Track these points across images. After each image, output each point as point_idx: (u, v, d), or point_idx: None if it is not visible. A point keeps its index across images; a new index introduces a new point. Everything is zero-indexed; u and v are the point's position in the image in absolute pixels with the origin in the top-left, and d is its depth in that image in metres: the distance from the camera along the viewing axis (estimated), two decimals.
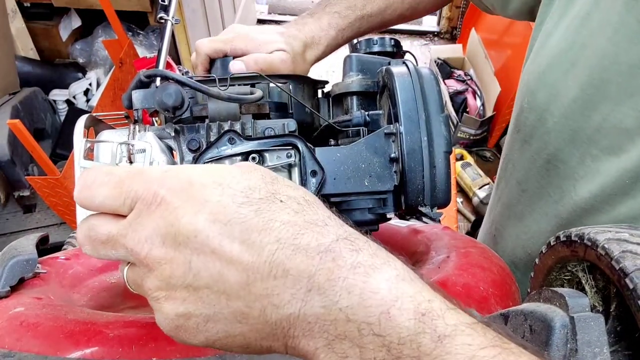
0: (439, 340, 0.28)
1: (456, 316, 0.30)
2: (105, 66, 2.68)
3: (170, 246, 0.32)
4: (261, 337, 0.33)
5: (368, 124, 0.55)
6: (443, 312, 0.30)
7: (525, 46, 0.72)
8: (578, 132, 0.61)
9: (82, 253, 0.53)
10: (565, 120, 0.62)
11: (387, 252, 0.33)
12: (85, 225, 0.36)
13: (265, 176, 0.35)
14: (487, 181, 2.60)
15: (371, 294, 0.30)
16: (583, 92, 0.59)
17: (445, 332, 0.29)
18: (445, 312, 0.30)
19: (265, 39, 0.68)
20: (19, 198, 2.14)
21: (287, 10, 4.12)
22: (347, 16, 0.77)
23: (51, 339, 0.42)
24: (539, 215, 0.71)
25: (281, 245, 0.31)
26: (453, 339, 0.28)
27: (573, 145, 0.62)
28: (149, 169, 0.35)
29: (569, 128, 0.62)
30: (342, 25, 0.76)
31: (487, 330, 0.29)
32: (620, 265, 0.36)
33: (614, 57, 0.56)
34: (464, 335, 0.28)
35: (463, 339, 0.28)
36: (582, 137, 0.61)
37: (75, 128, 0.43)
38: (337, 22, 0.76)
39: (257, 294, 0.31)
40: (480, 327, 0.29)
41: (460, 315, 0.30)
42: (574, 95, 0.61)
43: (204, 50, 0.67)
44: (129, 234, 0.33)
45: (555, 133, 0.64)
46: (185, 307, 0.33)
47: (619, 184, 0.58)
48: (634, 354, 0.39)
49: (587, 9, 0.60)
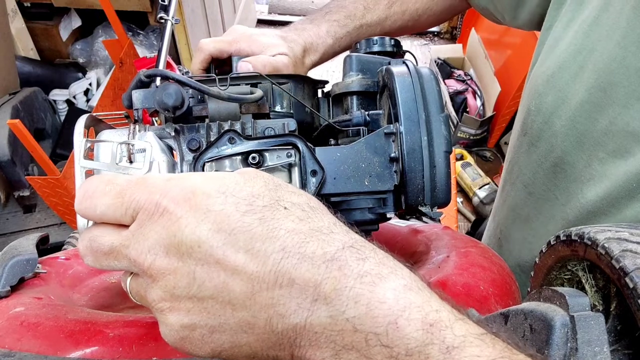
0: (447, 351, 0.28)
1: (465, 327, 0.29)
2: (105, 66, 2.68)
3: (174, 257, 0.32)
4: (267, 346, 0.32)
5: (368, 123, 0.54)
6: (451, 323, 0.29)
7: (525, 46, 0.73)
8: (585, 135, 0.61)
9: None
10: (573, 124, 0.62)
11: (394, 260, 0.33)
12: (86, 236, 0.35)
13: (269, 183, 0.35)
14: (487, 181, 2.60)
15: (378, 304, 0.29)
16: (591, 95, 0.60)
17: (454, 343, 0.28)
18: (454, 323, 0.29)
19: (268, 42, 0.68)
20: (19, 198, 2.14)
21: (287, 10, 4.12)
22: (345, 25, 0.77)
23: (51, 339, 0.42)
24: (546, 218, 0.71)
25: (286, 254, 0.31)
26: (462, 350, 0.28)
27: (580, 149, 0.62)
28: (151, 177, 0.35)
29: (576, 131, 0.62)
30: (340, 34, 0.77)
31: (496, 342, 0.29)
32: (620, 265, 0.36)
33: (622, 60, 0.56)
34: (472, 347, 0.28)
35: (472, 351, 0.28)
36: (590, 140, 0.61)
37: (75, 128, 0.43)
38: (335, 30, 0.76)
39: (262, 304, 0.31)
40: (489, 338, 0.29)
41: (469, 325, 0.30)
42: (582, 98, 0.61)
43: (208, 50, 0.67)
44: (131, 244, 0.33)
45: (563, 136, 0.64)
46: (190, 318, 0.32)
47: (625, 187, 0.58)
48: (634, 353, 0.39)
49: (595, 13, 0.60)
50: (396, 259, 0.33)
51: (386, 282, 0.30)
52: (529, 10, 0.75)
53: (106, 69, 2.68)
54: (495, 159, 2.87)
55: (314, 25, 0.76)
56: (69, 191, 1.68)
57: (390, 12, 0.82)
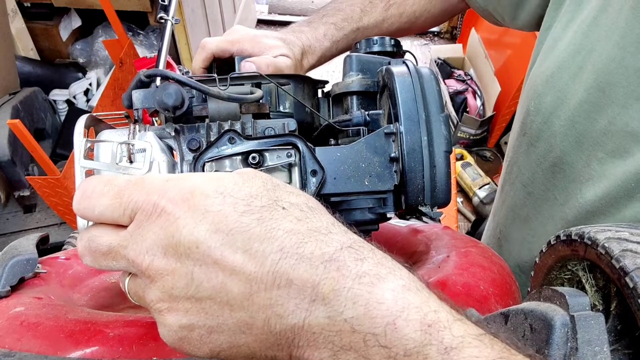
0: (445, 352, 0.28)
1: (463, 327, 0.29)
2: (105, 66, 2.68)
3: (172, 257, 0.32)
4: (266, 347, 0.32)
5: (368, 123, 0.55)
6: (450, 323, 0.29)
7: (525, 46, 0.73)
8: (584, 135, 0.61)
9: None
10: (572, 124, 0.62)
11: (392, 261, 0.33)
12: (85, 236, 0.36)
13: (267, 183, 0.35)
14: (487, 181, 2.60)
15: (377, 305, 0.29)
16: (590, 95, 0.60)
17: (452, 344, 0.28)
18: (452, 323, 0.29)
19: (270, 44, 0.69)
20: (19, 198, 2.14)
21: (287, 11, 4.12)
22: (342, 28, 0.78)
23: (51, 339, 0.42)
24: (545, 218, 0.71)
25: (284, 254, 0.31)
26: (460, 351, 0.28)
27: (579, 149, 0.62)
28: (149, 178, 0.35)
29: (575, 131, 0.62)
30: (337, 37, 0.77)
31: (494, 342, 0.29)
32: (620, 264, 0.36)
33: (620, 61, 0.56)
34: (471, 347, 0.28)
35: (470, 351, 0.28)
36: (588, 140, 0.61)
37: (75, 128, 0.43)
38: (332, 33, 0.77)
39: (260, 304, 0.31)
40: (488, 339, 0.29)
41: (468, 326, 0.30)
42: (581, 98, 0.61)
43: (210, 49, 0.68)
44: (129, 245, 0.33)
45: (562, 136, 0.64)
46: (189, 318, 0.32)
47: (624, 187, 0.58)
48: (634, 352, 0.39)
49: (594, 14, 0.60)
50: (395, 259, 0.33)
51: (384, 282, 0.30)
52: (529, 11, 0.75)
53: (106, 69, 2.68)
54: (495, 159, 2.87)
55: (311, 28, 0.77)
56: (69, 191, 1.68)
57: (388, 14, 0.82)
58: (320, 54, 0.76)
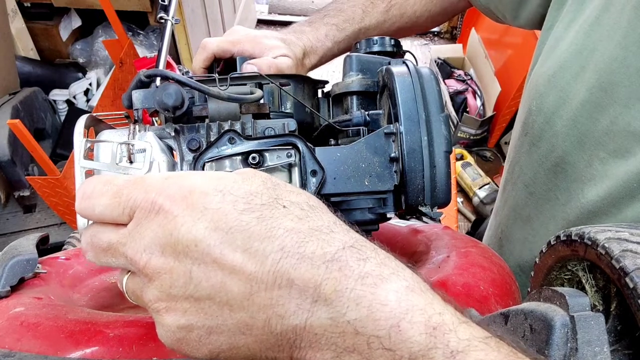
0: (451, 356, 0.28)
1: (469, 330, 0.29)
2: (105, 66, 2.68)
3: (170, 256, 0.31)
4: (266, 348, 0.32)
5: (368, 123, 0.54)
6: (455, 326, 0.29)
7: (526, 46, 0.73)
8: (586, 135, 0.61)
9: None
10: (574, 124, 0.62)
11: (395, 261, 0.32)
12: (88, 232, 0.36)
13: (267, 182, 0.34)
14: (487, 181, 2.60)
15: (380, 306, 0.29)
16: (592, 95, 0.60)
17: (458, 347, 0.28)
18: (458, 326, 0.29)
19: (271, 44, 0.69)
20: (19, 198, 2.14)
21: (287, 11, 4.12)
22: (344, 29, 0.78)
23: (51, 339, 0.42)
24: (547, 218, 0.71)
25: (285, 253, 0.31)
26: (467, 354, 0.27)
27: (581, 148, 0.62)
28: (149, 177, 0.35)
29: (577, 131, 0.62)
30: (338, 38, 0.78)
31: (501, 345, 0.29)
32: (620, 265, 0.36)
33: (623, 60, 0.56)
34: (477, 351, 0.28)
35: (477, 355, 0.27)
36: (590, 140, 0.61)
37: (75, 128, 0.43)
38: (334, 34, 0.77)
39: (261, 305, 0.30)
40: (494, 342, 0.29)
41: (473, 329, 0.29)
42: (583, 98, 0.61)
43: (211, 49, 0.68)
44: (128, 242, 0.33)
45: (564, 136, 0.64)
46: (187, 318, 0.32)
47: (626, 187, 0.57)
48: (635, 353, 0.39)
49: (596, 13, 0.60)
50: (398, 259, 0.33)
51: (388, 283, 0.30)
52: (531, 10, 0.75)
53: (106, 69, 2.68)
54: (496, 159, 2.87)
55: (312, 29, 0.77)
56: (69, 191, 1.68)
57: (389, 15, 0.82)
58: (321, 54, 0.76)
